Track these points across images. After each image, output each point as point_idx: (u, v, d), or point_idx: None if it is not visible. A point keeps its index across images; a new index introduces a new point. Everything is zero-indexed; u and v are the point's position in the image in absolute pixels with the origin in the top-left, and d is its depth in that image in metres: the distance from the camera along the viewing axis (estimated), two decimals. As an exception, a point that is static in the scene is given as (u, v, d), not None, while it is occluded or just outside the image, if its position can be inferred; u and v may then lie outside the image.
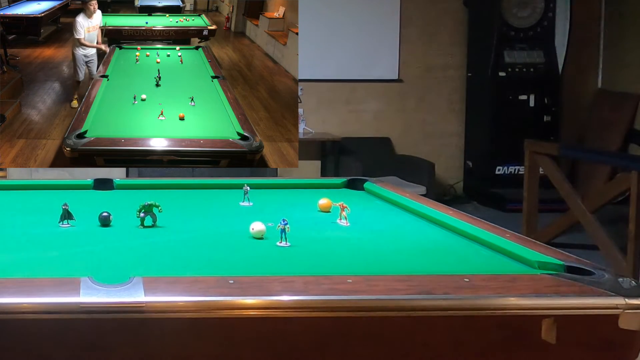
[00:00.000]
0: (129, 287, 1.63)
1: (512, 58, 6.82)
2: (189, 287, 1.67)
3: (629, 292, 1.66)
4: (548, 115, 6.85)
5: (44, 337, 1.55)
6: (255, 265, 2.00)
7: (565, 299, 1.65)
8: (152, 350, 1.57)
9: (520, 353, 1.64)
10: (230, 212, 2.77)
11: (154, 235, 2.19)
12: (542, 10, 6.78)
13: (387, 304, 1.62)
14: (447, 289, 1.67)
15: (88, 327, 1.55)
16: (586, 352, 1.65)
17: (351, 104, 7.16)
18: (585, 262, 1.92)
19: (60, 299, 1.56)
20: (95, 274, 1.72)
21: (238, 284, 1.68)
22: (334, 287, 1.67)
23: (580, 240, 5.18)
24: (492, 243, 2.20)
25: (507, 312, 1.63)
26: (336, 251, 2.21)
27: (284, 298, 1.63)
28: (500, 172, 6.88)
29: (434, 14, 7.17)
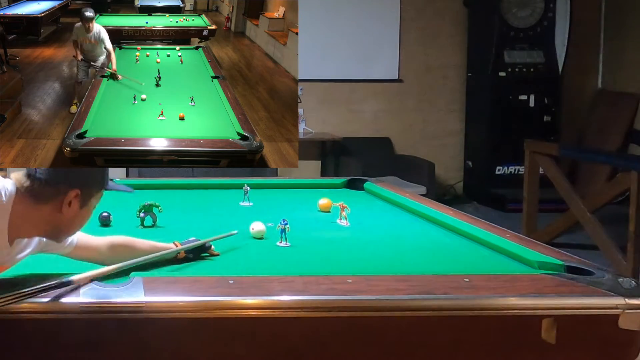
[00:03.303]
0: (129, 287, 1.63)
1: (512, 58, 6.82)
2: (189, 287, 1.67)
3: (629, 292, 1.66)
4: (548, 115, 6.84)
5: (44, 337, 1.55)
6: (255, 265, 2.00)
7: (565, 299, 1.65)
8: (152, 350, 1.57)
9: (520, 353, 1.64)
10: (230, 212, 2.78)
11: (154, 235, 2.19)
12: (542, 10, 6.78)
13: (387, 304, 1.62)
14: (447, 289, 1.67)
15: (88, 327, 1.55)
16: (586, 352, 1.65)
17: (351, 104, 7.15)
18: (585, 262, 1.92)
19: (60, 299, 1.56)
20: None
21: (238, 284, 1.68)
22: (334, 287, 1.67)
23: (580, 240, 5.18)
24: (492, 243, 2.20)
25: (507, 312, 1.63)
26: (336, 251, 2.21)
27: (283, 298, 1.63)
28: (500, 172, 6.88)
29: (434, 14, 7.16)
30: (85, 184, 1.62)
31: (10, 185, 1.59)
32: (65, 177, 1.60)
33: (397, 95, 7.20)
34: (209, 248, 2.05)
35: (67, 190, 1.59)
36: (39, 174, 1.58)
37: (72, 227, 1.67)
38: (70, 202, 1.60)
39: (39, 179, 1.58)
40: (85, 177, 1.64)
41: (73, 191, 1.59)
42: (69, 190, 1.59)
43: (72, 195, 1.59)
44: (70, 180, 1.60)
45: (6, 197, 1.56)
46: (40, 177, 1.58)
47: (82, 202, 1.62)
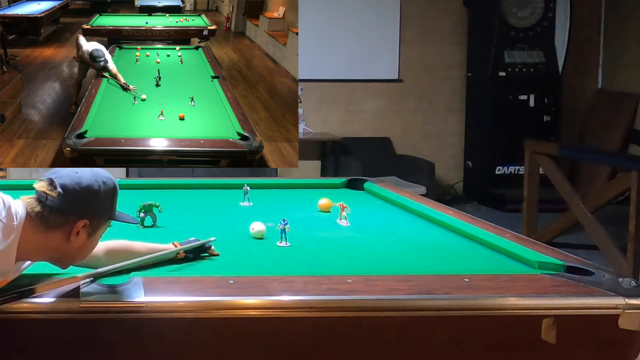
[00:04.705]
0: (129, 287, 1.63)
1: (512, 58, 6.82)
2: (189, 287, 1.68)
3: (629, 292, 1.66)
4: (548, 115, 6.85)
5: (44, 337, 1.55)
6: (255, 265, 2.00)
7: (565, 299, 1.65)
8: (152, 350, 1.57)
9: (520, 353, 1.64)
10: (230, 212, 2.77)
11: (154, 235, 2.19)
12: (542, 10, 6.78)
13: (387, 304, 1.62)
14: (447, 289, 1.67)
15: (88, 327, 1.55)
16: (586, 352, 1.65)
17: (351, 104, 7.16)
18: (585, 262, 1.92)
19: (60, 299, 1.56)
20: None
21: (238, 283, 1.68)
22: (334, 287, 1.67)
23: (580, 240, 5.18)
24: (492, 243, 2.20)
25: (507, 312, 1.63)
26: (336, 251, 2.21)
27: (283, 298, 1.63)
28: (500, 172, 6.88)
29: (434, 14, 7.16)
30: (94, 215, 1.63)
31: (21, 209, 1.60)
32: (76, 206, 1.60)
33: (397, 95, 7.20)
34: (209, 248, 2.05)
35: (77, 220, 1.60)
36: (50, 201, 1.59)
37: (78, 256, 1.68)
38: (79, 232, 1.61)
39: (50, 207, 1.59)
40: (96, 207, 1.64)
41: (82, 221, 1.61)
42: (78, 220, 1.60)
43: (81, 225, 1.61)
44: (80, 210, 1.61)
45: (17, 220, 1.58)
46: (51, 204, 1.59)
47: (90, 232, 1.64)
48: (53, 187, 1.59)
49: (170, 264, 1.93)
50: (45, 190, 1.59)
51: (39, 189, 1.61)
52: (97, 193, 1.62)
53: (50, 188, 1.59)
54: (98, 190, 1.63)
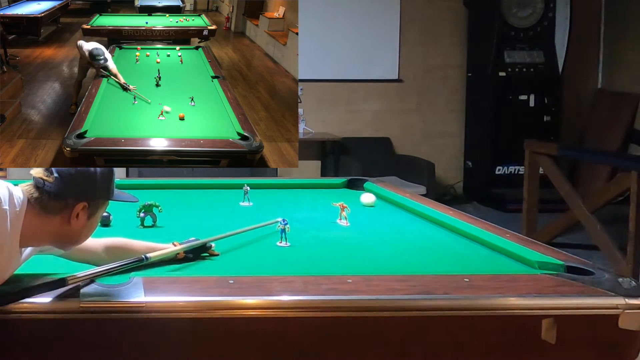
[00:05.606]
0: (129, 287, 1.63)
1: (512, 58, 6.82)
2: (189, 287, 1.68)
3: (629, 292, 1.66)
4: (548, 115, 6.85)
5: (44, 337, 1.55)
6: (255, 265, 2.00)
7: (565, 299, 1.65)
8: (152, 350, 1.57)
9: (520, 353, 1.64)
10: (230, 212, 2.77)
11: (154, 235, 2.19)
12: (542, 10, 6.79)
13: (387, 304, 1.62)
14: (447, 289, 1.67)
15: (88, 327, 1.55)
16: (586, 352, 1.65)
17: (351, 104, 7.16)
18: (585, 262, 1.92)
19: (60, 299, 1.56)
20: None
21: (238, 283, 1.68)
22: (334, 287, 1.67)
23: (580, 240, 5.18)
24: (492, 243, 2.20)
25: (507, 312, 1.63)
26: (336, 251, 2.21)
27: (283, 298, 1.63)
28: (500, 172, 6.89)
29: (434, 14, 7.16)
30: (92, 196, 1.64)
31: (22, 195, 1.61)
32: (73, 190, 1.61)
33: (397, 95, 7.20)
34: (209, 248, 2.05)
35: (75, 203, 1.61)
36: (47, 186, 1.60)
37: (80, 237, 1.70)
38: (78, 215, 1.62)
39: (48, 192, 1.60)
40: (92, 189, 1.65)
41: (81, 204, 1.62)
42: (76, 203, 1.61)
43: (80, 207, 1.62)
44: (77, 192, 1.62)
45: (19, 206, 1.59)
46: (49, 189, 1.59)
47: (90, 213, 1.65)
48: (49, 172, 1.61)
49: (170, 264, 1.93)
50: (42, 176, 1.60)
51: (36, 175, 1.62)
52: (94, 175, 1.64)
53: (47, 174, 1.60)
54: (94, 172, 1.64)
